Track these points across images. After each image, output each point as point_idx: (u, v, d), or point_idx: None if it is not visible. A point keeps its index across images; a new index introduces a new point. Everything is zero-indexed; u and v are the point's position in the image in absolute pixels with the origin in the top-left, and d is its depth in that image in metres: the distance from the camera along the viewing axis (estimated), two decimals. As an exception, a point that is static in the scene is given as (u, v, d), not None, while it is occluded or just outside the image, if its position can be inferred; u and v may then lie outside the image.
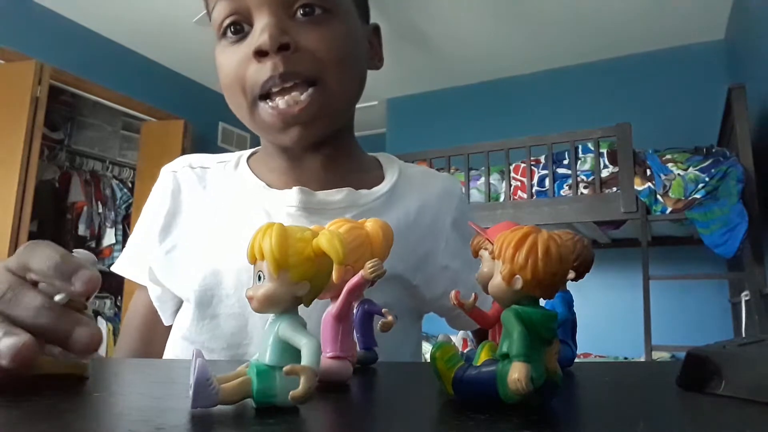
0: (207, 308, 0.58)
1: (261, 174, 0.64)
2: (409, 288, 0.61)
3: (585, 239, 0.39)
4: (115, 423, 0.24)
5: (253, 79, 0.56)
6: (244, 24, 0.57)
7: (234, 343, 0.57)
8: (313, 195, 0.60)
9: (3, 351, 0.28)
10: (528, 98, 4.13)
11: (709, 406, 0.28)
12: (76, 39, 3.57)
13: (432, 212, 0.65)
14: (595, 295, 3.27)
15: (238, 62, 0.57)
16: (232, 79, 0.58)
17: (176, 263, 0.61)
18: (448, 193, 0.69)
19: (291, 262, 0.26)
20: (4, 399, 0.27)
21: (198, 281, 0.58)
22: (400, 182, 0.66)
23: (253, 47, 0.55)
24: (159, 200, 0.66)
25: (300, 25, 0.56)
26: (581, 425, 0.26)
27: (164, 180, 0.67)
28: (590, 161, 2.75)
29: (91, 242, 4.12)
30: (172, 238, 0.63)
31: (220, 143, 4.60)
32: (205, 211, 0.63)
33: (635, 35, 3.62)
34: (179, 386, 0.33)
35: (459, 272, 0.64)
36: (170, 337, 0.64)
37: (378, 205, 0.62)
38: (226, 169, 0.67)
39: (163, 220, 0.63)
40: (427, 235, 0.64)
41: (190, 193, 0.65)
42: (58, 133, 4.17)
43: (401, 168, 0.69)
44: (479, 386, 0.26)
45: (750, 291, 2.32)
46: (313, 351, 0.25)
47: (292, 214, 0.59)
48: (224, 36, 0.59)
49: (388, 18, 3.49)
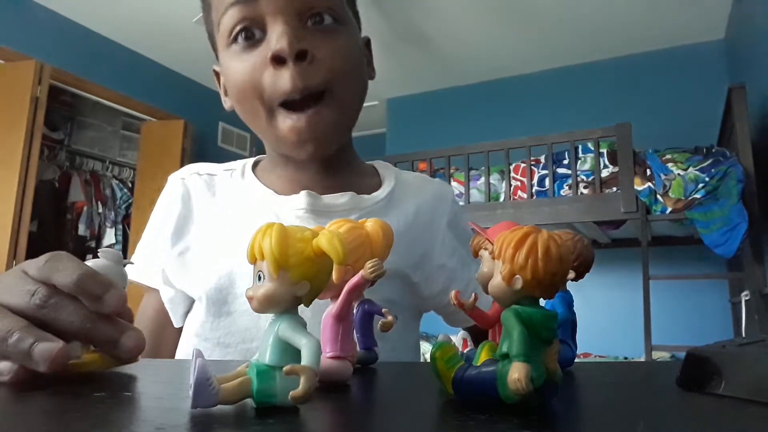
0: (222, 306, 0.60)
1: (267, 182, 0.67)
2: (409, 285, 0.64)
3: (585, 239, 0.39)
4: (115, 423, 0.24)
5: (271, 87, 0.56)
6: (255, 30, 0.57)
7: (248, 338, 0.59)
8: (319, 198, 0.63)
9: (38, 356, 0.30)
10: (528, 98, 4.13)
11: (709, 406, 0.28)
12: (76, 39, 3.57)
13: (428, 214, 0.68)
14: (595, 295, 3.27)
15: (252, 68, 0.57)
16: (247, 85, 0.58)
17: (189, 265, 0.63)
18: (442, 196, 0.72)
19: (291, 262, 0.26)
20: (6, 398, 0.27)
21: (213, 281, 0.60)
22: (397, 187, 0.69)
23: (271, 53, 0.55)
24: (169, 205, 0.67)
25: (312, 34, 0.57)
26: (581, 425, 0.26)
27: (173, 186, 0.68)
28: (590, 161, 2.75)
29: (91, 242, 4.13)
30: (185, 241, 0.64)
31: (220, 143, 4.60)
32: (216, 216, 0.65)
33: (635, 35, 3.62)
34: (179, 386, 0.33)
35: (455, 270, 0.68)
36: (183, 336, 0.65)
37: (379, 208, 0.65)
38: (233, 177, 0.69)
39: (174, 223, 0.65)
40: (425, 235, 0.66)
41: (199, 198, 0.67)
42: (58, 133, 4.18)
43: (397, 174, 0.72)
44: (479, 386, 0.26)
45: (750, 291, 2.32)
46: (313, 351, 0.25)
47: (300, 216, 0.62)
48: (234, 42, 0.58)
49: (388, 18, 3.49)
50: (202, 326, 0.61)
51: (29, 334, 0.31)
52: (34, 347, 0.30)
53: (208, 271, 0.61)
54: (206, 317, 0.60)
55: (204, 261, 0.62)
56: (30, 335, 0.31)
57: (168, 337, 0.67)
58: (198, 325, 0.61)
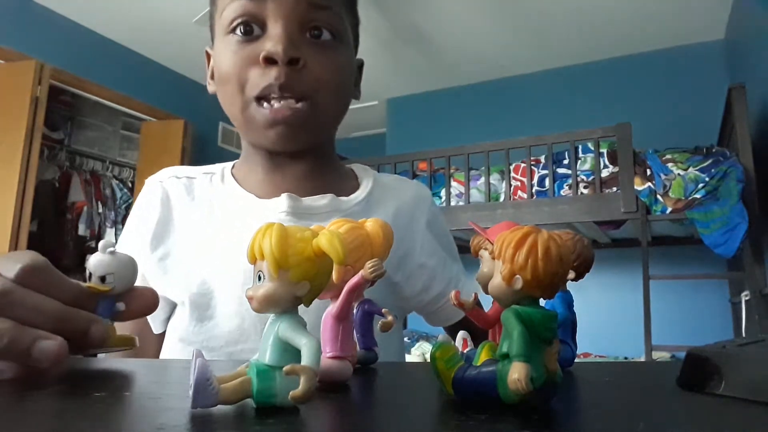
0: (205, 310, 0.60)
1: (247, 186, 0.67)
2: (390, 285, 0.65)
3: (585, 239, 0.39)
4: (115, 423, 0.24)
5: (254, 82, 0.58)
6: (255, 26, 0.59)
7: (232, 341, 0.59)
8: (299, 201, 0.63)
9: (41, 354, 0.30)
10: (528, 98, 4.13)
11: (709, 406, 0.28)
12: (76, 39, 3.57)
13: (407, 215, 0.69)
14: (595, 295, 3.27)
15: (242, 60, 0.59)
16: (232, 75, 0.60)
17: (170, 269, 0.63)
18: (420, 197, 0.73)
19: (291, 262, 0.25)
20: (6, 398, 0.27)
21: (195, 285, 0.60)
22: (375, 189, 0.70)
23: (264, 53, 0.57)
24: (147, 209, 0.66)
25: (308, 45, 0.59)
26: (581, 425, 0.26)
27: (151, 190, 0.68)
28: (590, 161, 2.75)
29: (91, 242, 4.12)
30: (165, 245, 0.64)
31: (220, 143, 4.60)
32: (197, 219, 0.65)
33: (635, 35, 3.62)
34: (179, 386, 0.33)
35: (435, 269, 0.69)
36: (166, 342, 0.65)
37: (359, 210, 0.66)
38: (213, 181, 0.69)
39: (154, 228, 0.64)
40: (404, 236, 0.67)
41: (179, 202, 0.66)
42: (58, 133, 4.17)
43: (375, 176, 0.73)
44: (479, 386, 0.26)
45: (750, 291, 2.32)
46: (313, 351, 0.25)
47: (282, 219, 0.62)
48: (233, 32, 0.60)
49: (388, 18, 3.49)
50: (186, 331, 0.60)
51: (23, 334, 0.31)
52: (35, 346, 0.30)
53: (189, 276, 0.60)
54: (190, 322, 0.60)
55: (185, 265, 0.62)
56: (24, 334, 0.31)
57: (147, 343, 0.66)
58: (182, 329, 0.61)
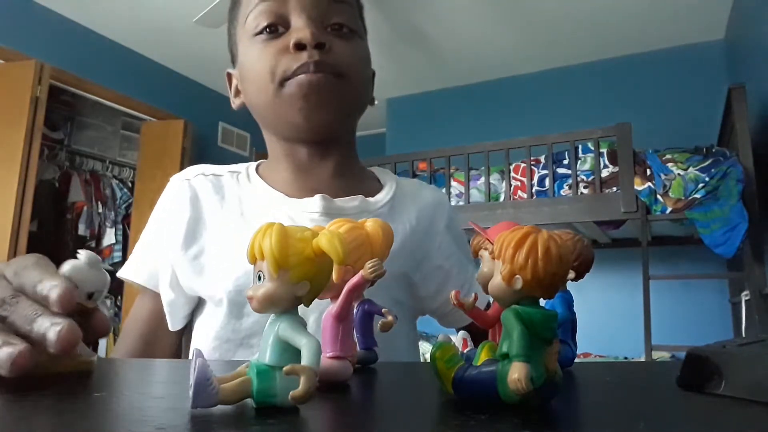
0: (243, 307, 0.60)
1: (274, 185, 0.67)
2: (411, 285, 0.66)
3: (585, 239, 0.39)
4: (115, 423, 0.24)
5: (286, 65, 0.61)
6: (280, 27, 0.63)
7: None
8: (332, 202, 0.65)
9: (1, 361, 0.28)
10: (528, 98, 4.13)
11: (709, 406, 0.28)
12: (76, 39, 3.57)
13: (428, 218, 0.71)
14: (595, 295, 3.27)
15: (273, 54, 0.61)
16: (262, 67, 0.62)
17: (205, 268, 0.63)
18: (439, 201, 0.75)
19: (291, 262, 0.26)
20: (6, 398, 0.27)
21: (231, 282, 0.60)
22: (398, 192, 0.71)
23: (294, 39, 0.60)
24: (176, 208, 0.66)
25: (332, 35, 0.63)
26: (581, 425, 0.26)
27: (179, 188, 0.68)
28: (590, 161, 2.75)
29: (91, 242, 4.12)
30: (198, 244, 0.64)
31: (220, 143, 4.60)
32: (228, 217, 0.65)
33: (635, 35, 3.62)
34: (179, 386, 0.33)
35: (450, 271, 0.70)
36: (196, 339, 0.65)
37: (385, 212, 0.67)
38: (239, 179, 0.69)
39: (185, 227, 0.64)
40: (424, 238, 0.69)
41: (208, 200, 0.66)
42: (58, 133, 4.17)
43: (397, 180, 0.75)
44: (479, 386, 0.26)
45: (750, 291, 2.31)
46: (313, 351, 0.25)
47: (315, 219, 0.63)
48: (260, 34, 0.63)
49: (388, 18, 3.49)
50: (223, 328, 0.61)
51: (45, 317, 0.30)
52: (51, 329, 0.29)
53: (226, 274, 0.61)
54: (227, 320, 0.60)
55: (220, 263, 0.62)
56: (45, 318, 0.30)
57: (162, 339, 0.67)
58: (218, 327, 0.61)
